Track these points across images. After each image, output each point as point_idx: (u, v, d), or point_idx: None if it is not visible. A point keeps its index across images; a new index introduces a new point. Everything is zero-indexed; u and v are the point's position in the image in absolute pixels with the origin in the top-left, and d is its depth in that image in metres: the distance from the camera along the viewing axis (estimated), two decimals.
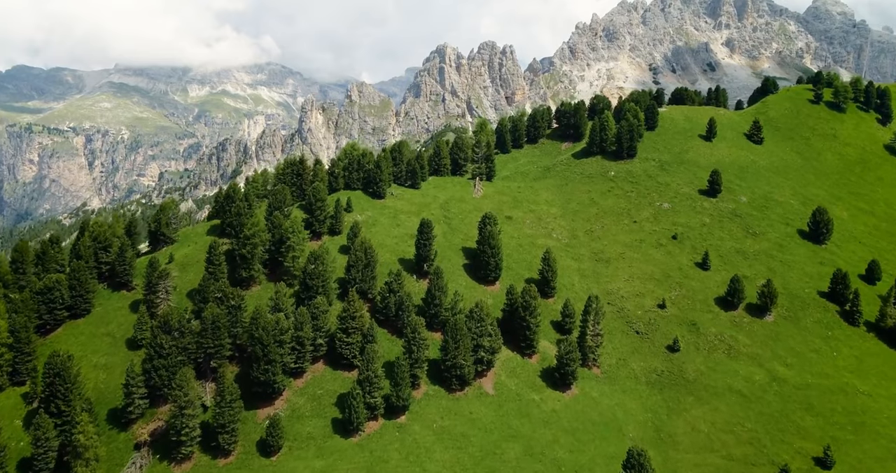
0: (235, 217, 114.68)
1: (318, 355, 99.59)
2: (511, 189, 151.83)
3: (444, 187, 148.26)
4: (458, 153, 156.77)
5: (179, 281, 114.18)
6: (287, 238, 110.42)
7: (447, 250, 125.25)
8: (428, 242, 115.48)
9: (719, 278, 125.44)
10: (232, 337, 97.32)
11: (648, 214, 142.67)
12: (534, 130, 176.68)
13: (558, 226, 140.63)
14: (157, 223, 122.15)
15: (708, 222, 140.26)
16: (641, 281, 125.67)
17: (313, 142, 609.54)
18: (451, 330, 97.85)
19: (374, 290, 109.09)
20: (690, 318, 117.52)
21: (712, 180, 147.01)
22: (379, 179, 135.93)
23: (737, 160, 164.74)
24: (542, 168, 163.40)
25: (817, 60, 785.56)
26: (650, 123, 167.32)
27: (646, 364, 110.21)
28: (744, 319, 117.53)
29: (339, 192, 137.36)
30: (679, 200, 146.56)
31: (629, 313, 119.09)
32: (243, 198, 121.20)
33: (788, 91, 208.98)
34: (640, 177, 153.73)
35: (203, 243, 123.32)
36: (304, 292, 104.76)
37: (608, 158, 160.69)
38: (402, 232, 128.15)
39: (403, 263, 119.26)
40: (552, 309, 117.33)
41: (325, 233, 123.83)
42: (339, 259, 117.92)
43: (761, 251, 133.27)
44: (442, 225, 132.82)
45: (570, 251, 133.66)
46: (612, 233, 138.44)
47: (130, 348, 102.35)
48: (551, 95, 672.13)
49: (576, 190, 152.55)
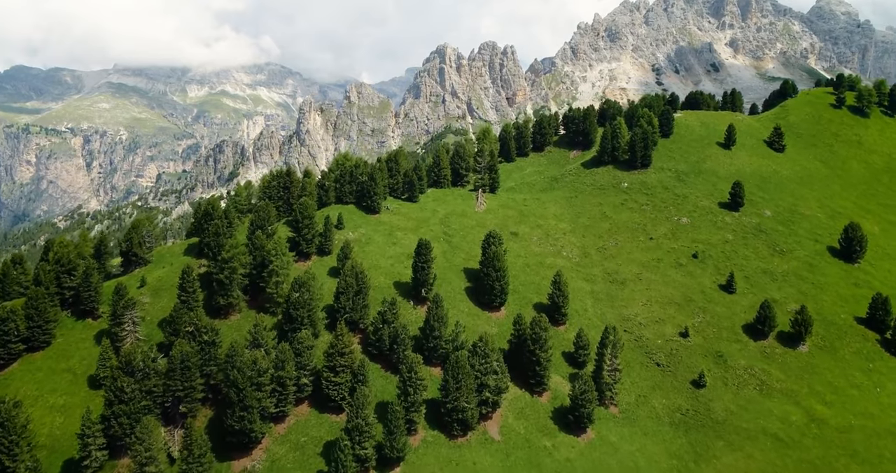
0: (213, 237, 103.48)
1: (303, 396, 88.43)
2: (516, 201, 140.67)
3: (443, 200, 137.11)
4: (459, 162, 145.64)
5: (151, 308, 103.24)
6: (269, 261, 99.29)
7: (447, 271, 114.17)
8: (426, 265, 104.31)
9: (746, 302, 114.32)
10: (205, 377, 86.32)
11: (666, 230, 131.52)
12: (540, 137, 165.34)
13: (568, 242, 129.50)
14: (129, 242, 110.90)
15: (731, 239, 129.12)
16: (661, 305, 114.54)
17: (311, 144, 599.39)
18: (453, 368, 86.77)
19: (367, 320, 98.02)
20: (716, 348, 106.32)
21: (734, 192, 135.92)
22: (373, 192, 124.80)
23: (758, 169, 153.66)
24: (550, 178, 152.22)
25: (822, 61, 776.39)
26: (665, 130, 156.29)
27: (669, 401, 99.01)
28: (775, 350, 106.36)
29: (330, 207, 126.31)
30: (698, 214, 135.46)
31: (648, 342, 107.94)
32: (222, 216, 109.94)
33: (808, 94, 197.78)
34: (655, 189, 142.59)
35: (180, 264, 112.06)
36: (287, 323, 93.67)
37: (621, 168, 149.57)
38: (399, 251, 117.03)
39: (399, 287, 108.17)
40: (564, 338, 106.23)
41: (313, 253, 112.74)
42: (329, 283, 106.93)
43: (790, 271, 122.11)
44: (441, 243, 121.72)
45: (582, 271, 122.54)
46: (627, 250, 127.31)
47: (93, 387, 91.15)
48: (553, 96, 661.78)
49: (586, 202, 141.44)
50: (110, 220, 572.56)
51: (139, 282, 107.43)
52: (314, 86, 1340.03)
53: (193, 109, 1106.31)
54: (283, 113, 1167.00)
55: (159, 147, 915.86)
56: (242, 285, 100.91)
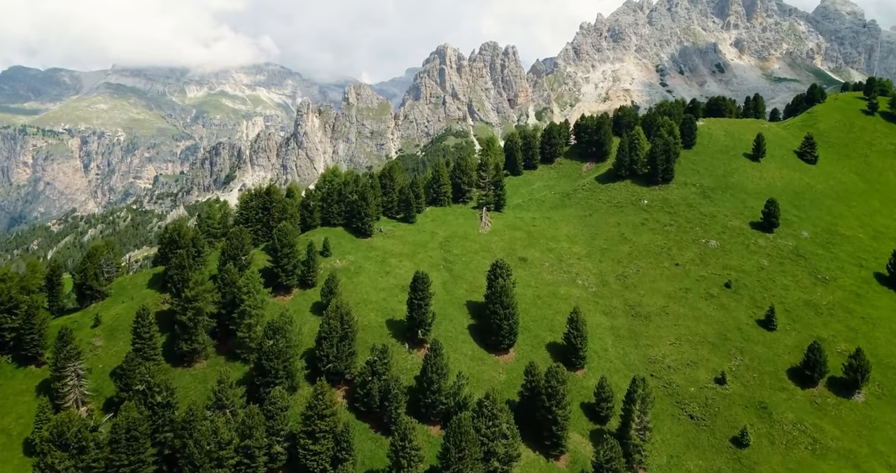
0: (177, 270, 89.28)
1: (276, 466, 74.29)
2: (525, 221, 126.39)
3: (444, 220, 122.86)
4: (461, 177, 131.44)
5: (105, 353, 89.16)
6: (241, 300, 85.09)
7: (448, 306, 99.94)
8: (423, 301, 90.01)
9: (790, 341, 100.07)
10: (158, 445, 72.19)
11: (693, 255, 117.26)
12: (549, 148, 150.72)
13: (584, 269, 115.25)
14: (83, 274, 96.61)
15: (766, 265, 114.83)
16: (692, 344, 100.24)
17: (309, 147, 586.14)
18: (454, 433, 72.42)
19: (353, 370, 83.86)
20: (759, 398, 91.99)
21: (768, 211, 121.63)
22: (364, 213, 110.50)
23: (790, 184, 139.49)
24: (561, 194, 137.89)
25: (828, 61, 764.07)
26: (687, 140, 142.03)
27: (706, 463, 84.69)
28: (827, 400, 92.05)
29: (316, 230, 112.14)
30: (728, 236, 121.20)
31: (680, 390, 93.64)
32: (189, 243, 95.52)
33: (837, 100, 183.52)
34: (679, 207, 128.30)
35: (142, 298, 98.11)
36: (259, 376, 79.43)
37: (639, 183, 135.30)
38: (392, 282, 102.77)
39: (393, 327, 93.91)
40: (582, 385, 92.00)
41: (294, 285, 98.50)
42: (311, 321, 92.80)
43: (836, 303, 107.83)
44: (441, 271, 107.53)
45: (600, 302, 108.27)
46: (650, 278, 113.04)
47: (29, 453, 77.13)
48: (555, 98, 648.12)
49: (602, 222, 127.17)
50: (104, 224, 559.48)
51: (93, 321, 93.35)
52: (314, 86, 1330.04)
53: (192, 110, 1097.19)
54: (282, 113, 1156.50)
55: (157, 148, 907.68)
56: (209, 328, 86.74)
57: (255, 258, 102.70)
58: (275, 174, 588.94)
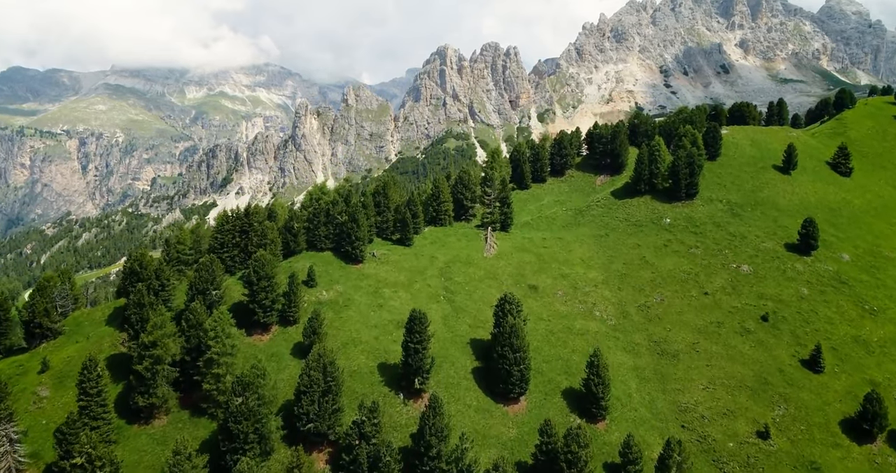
0: (135, 309, 76.85)
1: None
2: (534, 242, 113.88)
3: (444, 242, 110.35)
4: (464, 192, 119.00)
5: (51, 405, 76.69)
6: (207, 346, 72.68)
7: (449, 346, 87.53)
8: (421, 345, 77.54)
9: (840, 386, 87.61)
10: None
11: (723, 282, 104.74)
12: (560, 159, 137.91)
13: (601, 298, 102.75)
14: (32, 310, 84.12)
15: (807, 294, 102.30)
16: (728, 390, 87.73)
17: (307, 149, 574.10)
18: None
19: (338, 429, 71.41)
20: (809, 456, 79.50)
21: (806, 232, 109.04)
22: (355, 237, 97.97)
23: (824, 199, 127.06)
24: (573, 211, 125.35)
25: (834, 62, 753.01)
26: (711, 151, 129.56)
27: None
28: (888, 458, 79.57)
29: (300, 256, 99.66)
30: (762, 260, 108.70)
31: (717, 445, 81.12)
32: (152, 276, 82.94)
33: (867, 105, 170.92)
34: (705, 226, 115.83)
35: (99, 337, 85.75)
36: (226, 441, 66.98)
37: (660, 199, 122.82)
38: (386, 317, 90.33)
39: (385, 372, 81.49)
40: (604, 440, 79.53)
41: (273, 323, 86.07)
42: (292, 365, 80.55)
43: (888, 339, 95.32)
44: (442, 303, 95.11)
45: (621, 338, 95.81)
46: (677, 309, 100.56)
47: None
48: (557, 99, 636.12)
49: (620, 243, 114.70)
50: (98, 228, 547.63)
51: (40, 365, 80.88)
52: (314, 87, 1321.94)
53: (192, 111, 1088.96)
54: (282, 114, 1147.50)
55: (156, 149, 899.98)
56: (172, 378, 74.32)
57: (230, 289, 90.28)
58: (272, 177, 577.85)
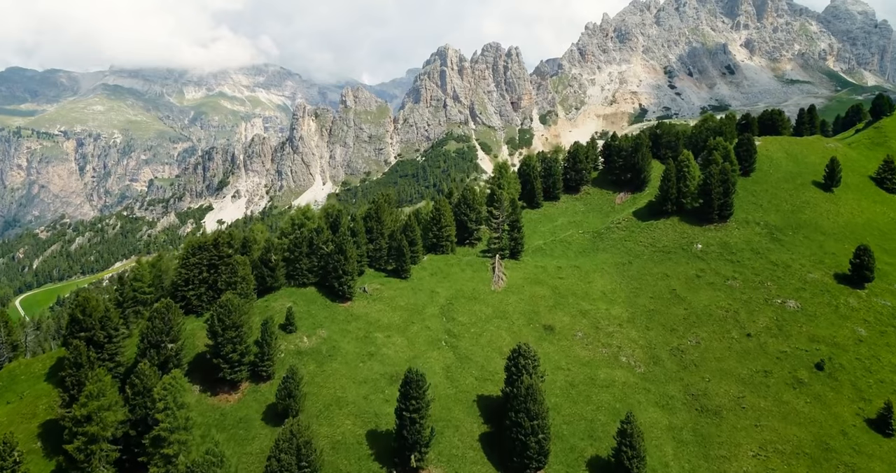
0: (72, 369, 63.01)
1: None
2: (548, 272, 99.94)
3: (446, 273, 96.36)
4: (467, 212, 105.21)
5: None
6: (155, 420, 58.88)
7: (453, 405, 73.70)
8: (419, 414, 63.76)
9: None
10: None
11: (768, 321, 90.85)
12: (574, 174, 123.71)
13: (627, 339, 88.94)
14: None
15: (865, 336, 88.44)
16: (783, 457, 73.90)
17: (305, 152, 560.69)
18: None
19: None
20: None
21: (860, 262, 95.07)
22: (342, 271, 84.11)
23: (873, 220, 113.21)
24: (591, 234, 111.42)
25: (840, 62, 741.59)
26: (745, 166, 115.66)
27: None
28: None
29: (279, 293, 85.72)
30: (810, 294, 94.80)
31: None
32: (97, 325, 68.83)
33: None
34: (742, 254, 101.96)
35: (34, 396, 72.01)
36: None
37: (689, 220, 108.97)
38: (378, 370, 76.47)
39: (376, 443, 67.65)
40: None
41: (243, 379, 72.27)
42: (263, 435, 66.72)
43: None
44: (444, 351, 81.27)
45: (653, 390, 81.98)
46: (716, 355, 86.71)
47: None
48: (560, 100, 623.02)
49: (646, 273, 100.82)
50: (92, 232, 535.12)
51: None
52: (314, 87, 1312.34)
53: (190, 112, 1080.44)
54: (282, 115, 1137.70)
55: (154, 150, 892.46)
56: (113, 458, 60.51)
57: (195, 336, 76.59)
58: (269, 180, 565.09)
